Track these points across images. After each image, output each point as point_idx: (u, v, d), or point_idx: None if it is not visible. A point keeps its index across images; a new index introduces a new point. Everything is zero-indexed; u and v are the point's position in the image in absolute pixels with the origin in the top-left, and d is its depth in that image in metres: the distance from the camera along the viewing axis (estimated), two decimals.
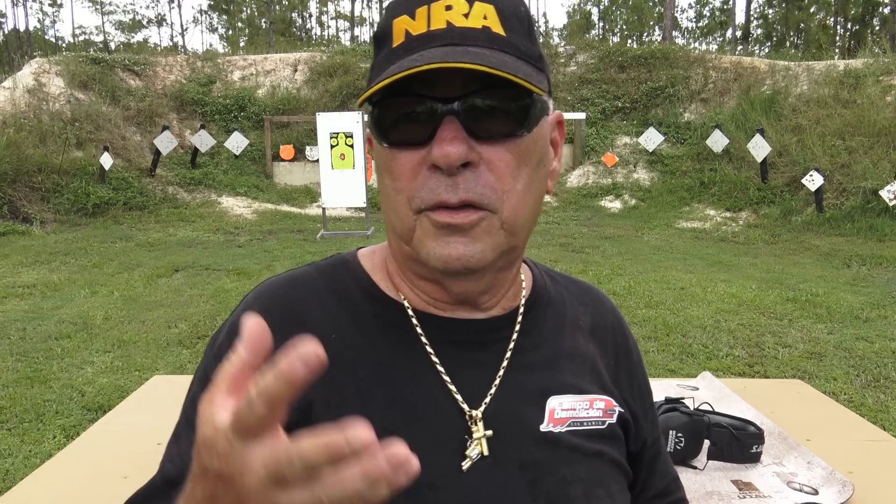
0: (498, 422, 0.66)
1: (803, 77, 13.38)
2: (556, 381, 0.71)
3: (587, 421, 0.71)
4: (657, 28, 49.16)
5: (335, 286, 0.71)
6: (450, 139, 0.58)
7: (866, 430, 1.50)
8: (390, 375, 0.66)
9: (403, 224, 0.63)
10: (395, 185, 0.63)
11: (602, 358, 0.77)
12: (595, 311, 0.80)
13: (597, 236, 9.57)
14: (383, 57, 0.63)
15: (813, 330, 5.04)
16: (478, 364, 0.68)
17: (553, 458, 0.67)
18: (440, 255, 0.62)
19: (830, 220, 9.94)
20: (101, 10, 58.26)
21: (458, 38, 0.60)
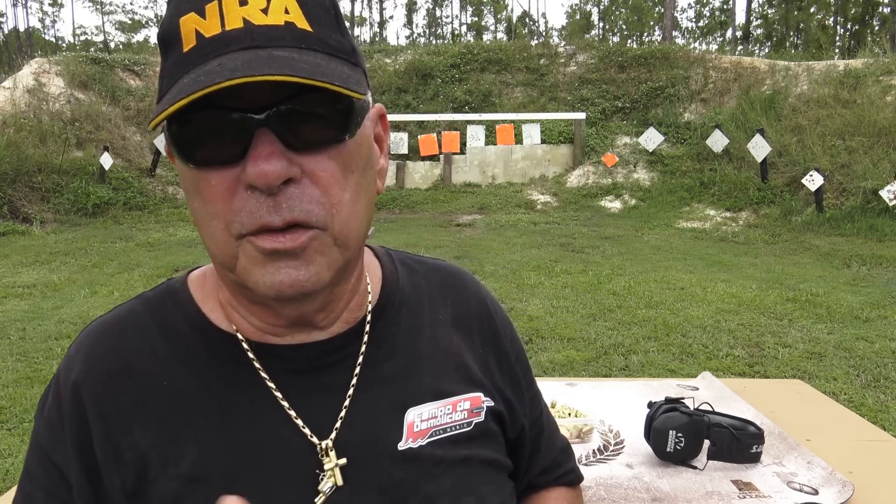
0: (352, 447, 0.61)
1: (803, 77, 13.38)
2: (414, 389, 0.66)
3: (451, 426, 0.67)
4: (657, 28, 49.19)
5: (163, 323, 0.64)
6: (265, 155, 0.52)
7: (866, 430, 1.50)
8: (230, 418, 0.60)
9: (224, 252, 0.56)
10: (208, 209, 0.55)
11: (469, 349, 0.72)
12: (456, 298, 0.75)
13: (597, 236, 9.57)
14: (173, 64, 0.54)
15: (813, 330, 5.04)
16: (325, 389, 0.63)
17: (414, 476, 0.63)
18: (270, 283, 0.55)
19: (830, 220, 9.94)
20: (101, 10, 58.28)
21: (260, 40, 0.52)
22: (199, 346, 0.63)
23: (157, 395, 0.61)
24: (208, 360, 0.63)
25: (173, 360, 0.62)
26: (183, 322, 0.64)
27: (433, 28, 60.78)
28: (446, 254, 7.90)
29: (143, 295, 0.68)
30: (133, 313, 0.66)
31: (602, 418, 1.48)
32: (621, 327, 5.08)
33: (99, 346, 0.64)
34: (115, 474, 0.59)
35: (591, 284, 6.48)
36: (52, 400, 0.63)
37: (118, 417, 0.60)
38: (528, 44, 17.09)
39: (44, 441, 0.62)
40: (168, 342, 0.63)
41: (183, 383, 0.61)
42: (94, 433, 0.60)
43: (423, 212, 12.13)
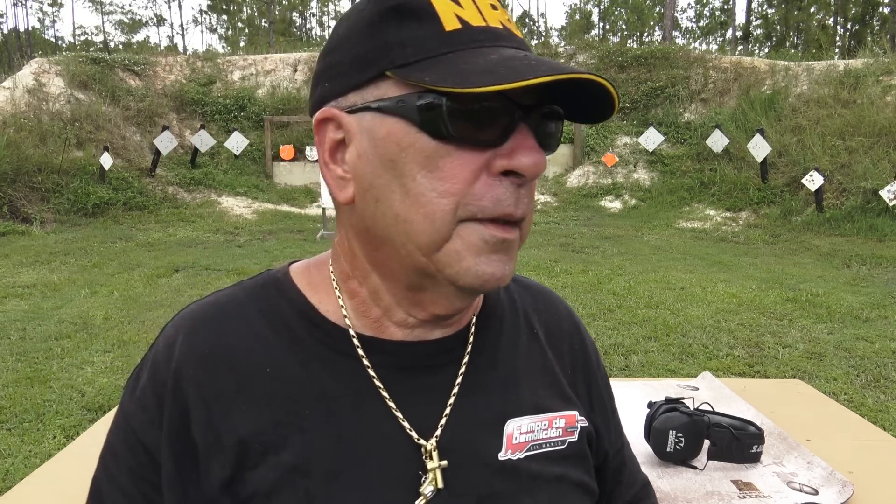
0: (453, 451, 0.61)
1: (803, 77, 13.38)
2: (514, 401, 0.66)
3: (547, 443, 0.66)
4: (657, 28, 49.18)
5: (268, 311, 0.63)
6: (536, 148, 0.54)
7: (866, 430, 1.50)
8: (334, 410, 0.60)
9: (437, 232, 0.54)
10: (441, 186, 0.53)
11: (561, 368, 0.72)
12: (549, 317, 0.75)
13: (597, 236, 9.57)
14: (430, 38, 0.53)
15: (813, 330, 5.04)
16: (429, 390, 0.62)
17: (513, 489, 0.63)
18: (481, 272, 0.55)
19: (830, 220, 9.94)
20: (101, 10, 58.26)
21: (521, 44, 0.56)
22: (305, 334, 0.62)
23: (260, 380, 0.60)
24: (314, 348, 0.62)
25: (277, 346, 0.61)
26: (289, 310, 0.63)
27: None
28: None
29: (242, 283, 0.67)
30: (234, 298, 0.65)
31: None
32: (621, 327, 5.08)
33: (201, 330, 0.62)
34: (213, 460, 0.58)
35: (591, 284, 6.48)
36: (146, 381, 0.61)
37: (220, 402, 0.59)
38: (528, 44, 17.09)
39: (135, 422, 0.61)
40: (272, 329, 0.62)
41: (288, 371, 0.60)
42: (194, 418, 0.59)
43: None
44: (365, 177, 0.56)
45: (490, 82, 0.49)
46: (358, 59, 0.55)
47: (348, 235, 0.61)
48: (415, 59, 0.53)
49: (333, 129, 0.57)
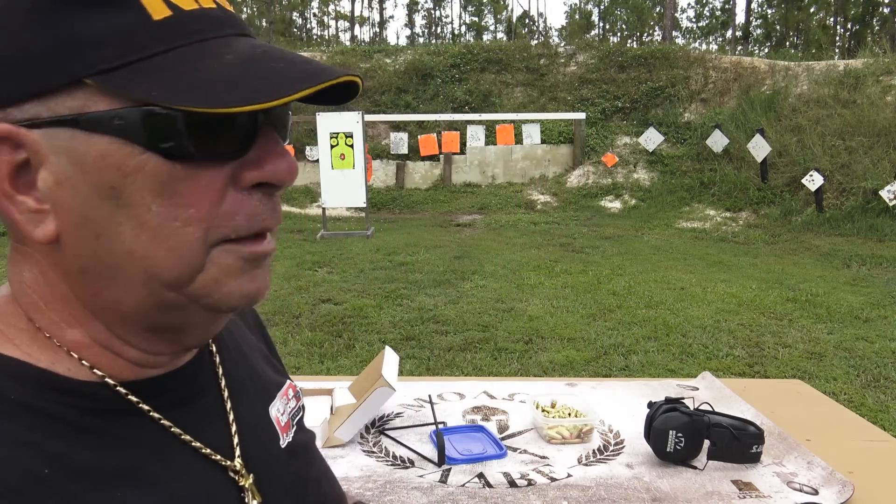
0: (253, 460, 0.59)
1: (803, 77, 13.39)
2: (263, 387, 0.67)
3: (295, 412, 0.69)
4: (657, 28, 49.19)
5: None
6: (286, 152, 0.48)
7: (866, 430, 1.50)
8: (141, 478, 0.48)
9: (186, 266, 0.46)
10: (185, 213, 0.45)
11: (262, 342, 0.74)
12: None
13: (597, 236, 9.58)
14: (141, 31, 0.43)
15: (813, 330, 5.04)
16: (210, 411, 0.58)
17: (301, 467, 0.66)
18: (247, 292, 0.49)
19: (830, 220, 9.95)
20: None
21: (241, 27, 0.48)
22: (60, 410, 0.46)
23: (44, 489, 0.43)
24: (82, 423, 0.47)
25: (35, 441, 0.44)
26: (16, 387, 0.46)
27: (433, 28, 60.82)
28: (446, 254, 7.91)
29: None
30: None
31: (602, 418, 1.48)
32: (621, 327, 5.08)
33: None
34: None
35: (591, 284, 6.49)
36: None
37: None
38: (528, 44, 17.09)
39: None
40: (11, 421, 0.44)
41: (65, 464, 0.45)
42: None
43: (423, 212, 12.13)
44: (73, 209, 0.44)
45: (244, 99, 0.42)
46: (29, 56, 0.42)
47: (51, 278, 0.48)
48: (122, 62, 0.42)
49: (9, 150, 0.43)
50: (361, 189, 9.55)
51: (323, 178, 9.61)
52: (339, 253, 8.09)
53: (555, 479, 1.23)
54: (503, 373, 4.09)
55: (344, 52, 16.37)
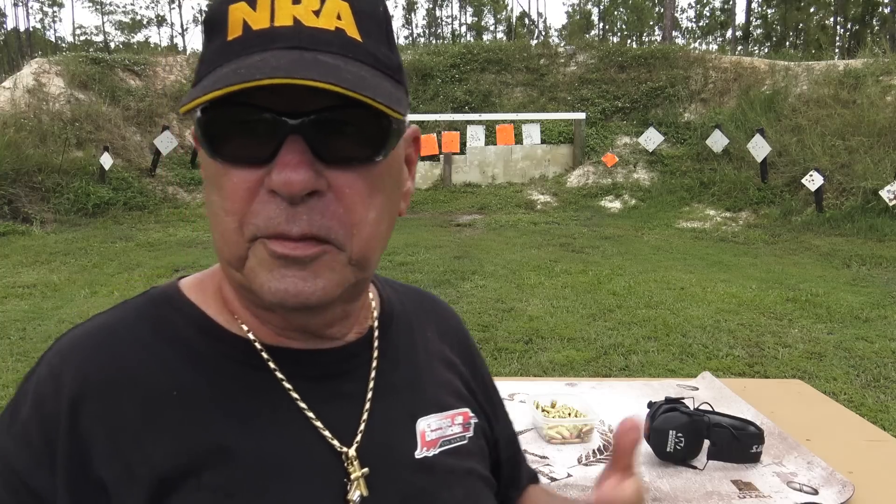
0: (373, 456, 0.61)
1: (803, 77, 13.38)
2: (421, 400, 0.68)
3: (452, 439, 0.68)
4: (657, 28, 49.17)
5: (163, 330, 0.60)
6: (294, 164, 0.50)
7: (866, 430, 1.50)
8: (251, 425, 0.57)
9: (233, 251, 0.54)
10: (225, 205, 0.53)
11: (453, 366, 0.74)
12: (437, 318, 0.77)
13: (597, 236, 9.57)
14: (215, 51, 0.53)
15: (813, 330, 5.04)
16: (344, 397, 0.62)
17: (432, 485, 0.64)
18: (276, 289, 0.53)
19: (830, 220, 9.95)
20: (101, 10, 58.27)
21: (307, 41, 0.51)
22: (208, 350, 0.59)
23: (168, 405, 0.56)
24: (220, 365, 0.59)
25: (180, 367, 0.58)
26: (185, 326, 0.60)
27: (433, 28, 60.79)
28: (446, 254, 7.91)
29: (125, 303, 0.63)
30: (122, 320, 0.61)
31: (602, 418, 1.48)
32: (621, 327, 5.08)
33: (92, 357, 0.57)
34: (125, 494, 0.54)
35: (591, 284, 6.48)
36: (29, 416, 0.55)
37: (126, 432, 0.55)
38: (527, 44, 17.08)
39: (16, 462, 0.54)
40: (173, 349, 0.59)
41: (194, 391, 0.57)
42: (97, 453, 0.54)
43: (423, 212, 12.12)
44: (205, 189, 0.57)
45: (200, 92, 0.48)
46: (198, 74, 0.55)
47: None
48: (200, 76, 0.53)
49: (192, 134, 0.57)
50: None
51: None
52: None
53: (555, 478, 1.23)
54: (503, 373, 4.09)
55: None
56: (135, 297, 0.64)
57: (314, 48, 0.51)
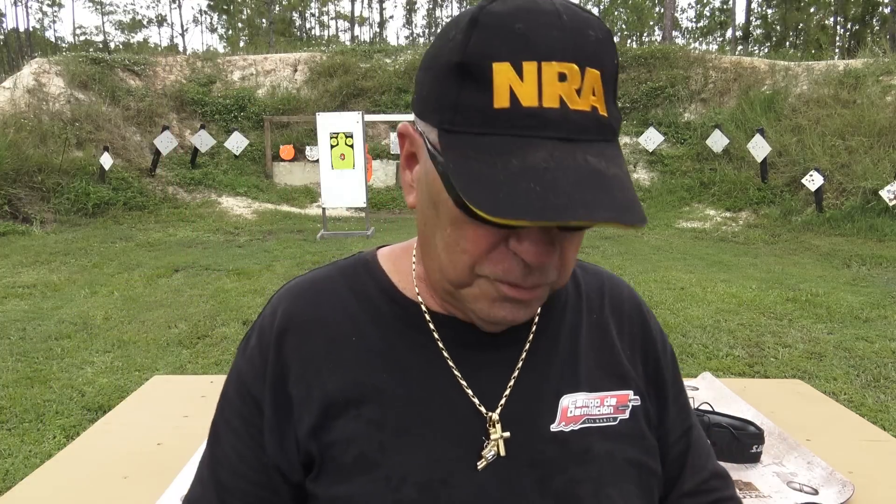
0: (513, 422, 0.67)
1: (803, 77, 13.38)
2: (570, 379, 0.71)
3: (599, 418, 0.71)
4: (657, 28, 49.16)
5: (356, 287, 0.73)
6: (546, 242, 0.58)
7: (866, 430, 1.50)
8: (408, 376, 0.68)
9: (458, 277, 0.62)
10: (464, 244, 0.59)
11: (620, 346, 0.76)
12: (612, 300, 0.79)
13: (597, 236, 9.57)
14: (477, 109, 0.54)
15: (813, 330, 5.04)
16: (493, 365, 0.69)
17: (563, 457, 0.68)
18: (494, 316, 0.63)
19: (830, 220, 9.94)
20: (101, 10, 58.25)
21: (573, 131, 0.54)
22: (386, 310, 0.71)
23: (347, 346, 0.69)
24: (393, 322, 0.70)
25: (363, 319, 0.70)
26: (374, 288, 0.72)
27: (433, 28, 60.76)
28: None
29: (336, 262, 0.77)
30: (328, 277, 0.74)
31: None
32: None
33: (299, 301, 0.72)
34: (304, 410, 0.67)
35: None
36: (255, 342, 0.72)
37: (312, 363, 0.69)
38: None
39: (245, 376, 0.71)
40: (359, 304, 0.71)
41: (370, 340, 0.69)
42: (292, 374, 0.68)
43: None
44: (421, 197, 0.64)
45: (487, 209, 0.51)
46: (429, 97, 0.59)
47: (417, 230, 0.68)
48: (460, 129, 0.55)
49: (409, 143, 0.64)
50: (361, 189, 9.54)
51: (323, 178, 9.60)
52: (339, 253, 8.09)
53: None
54: None
55: (344, 52, 16.36)
56: (345, 258, 0.78)
57: (578, 138, 0.54)
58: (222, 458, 0.72)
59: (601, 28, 0.59)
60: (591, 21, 0.58)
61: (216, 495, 0.71)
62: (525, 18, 0.54)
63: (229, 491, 0.71)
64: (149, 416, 1.58)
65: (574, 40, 0.55)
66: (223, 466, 0.71)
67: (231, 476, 0.71)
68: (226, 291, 6.15)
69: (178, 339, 4.76)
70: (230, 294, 6.04)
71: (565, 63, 0.54)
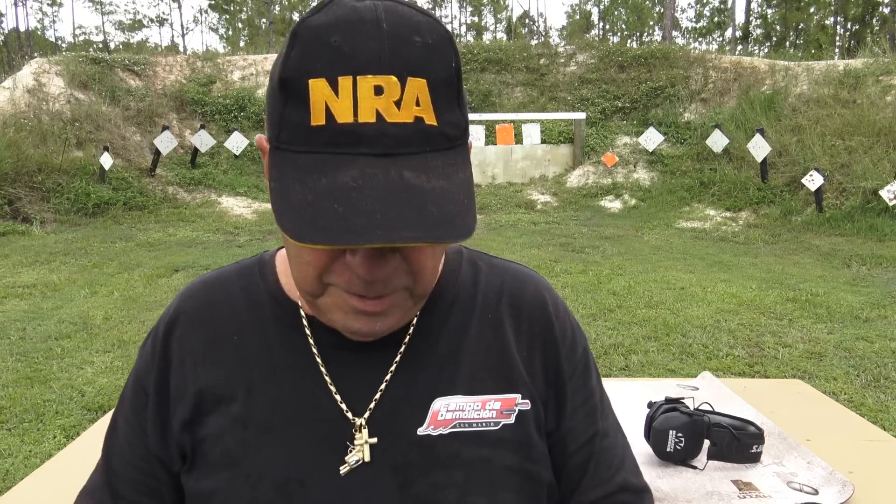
0: (380, 426, 0.66)
1: (803, 77, 13.38)
2: (447, 381, 0.68)
3: (477, 422, 0.67)
4: (657, 28, 49.17)
5: (248, 287, 0.74)
6: (375, 257, 0.56)
7: (866, 430, 1.50)
8: (278, 375, 0.68)
9: (309, 286, 0.61)
10: (304, 258, 0.60)
11: (516, 348, 0.72)
12: (512, 299, 0.75)
13: (597, 236, 9.57)
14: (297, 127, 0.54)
15: (813, 330, 5.04)
16: (365, 366, 0.68)
17: (427, 462, 0.65)
18: (349, 327, 0.62)
19: (830, 220, 9.94)
20: (101, 11, 58.26)
21: (391, 145, 0.53)
22: (267, 310, 0.71)
23: (227, 345, 0.70)
24: (273, 322, 0.71)
25: (246, 319, 0.71)
26: (262, 288, 0.73)
27: None
28: None
29: (241, 261, 0.78)
30: (224, 276, 0.76)
31: None
32: (621, 327, 5.07)
33: (191, 299, 0.74)
34: (179, 404, 0.70)
35: (591, 284, 6.48)
36: (151, 336, 0.75)
37: (192, 358, 0.70)
38: (527, 44, 17.08)
39: (139, 369, 0.74)
40: (246, 304, 0.72)
41: (248, 339, 0.70)
42: (173, 367, 0.71)
43: None
44: None
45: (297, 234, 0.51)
46: (267, 111, 0.60)
47: None
48: (284, 147, 0.56)
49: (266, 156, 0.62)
50: None
51: None
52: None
53: None
54: None
55: None
56: (253, 256, 0.78)
57: (397, 152, 0.53)
58: (116, 446, 0.74)
59: (433, 31, 0.55)
60: (420, 25, 0.55)
61: (107, 481, 0.74)
62: (343, 30, 0.53)
63: (119, 477, 0.73)
64: None
65: (393, 50, 0.53)
66: (116, 454, 0.74)
67: (121, 463, 0.73)
68: None
69: None
70: None
71: (381, 76, 0.52)
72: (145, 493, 0.72)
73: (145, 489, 0.72)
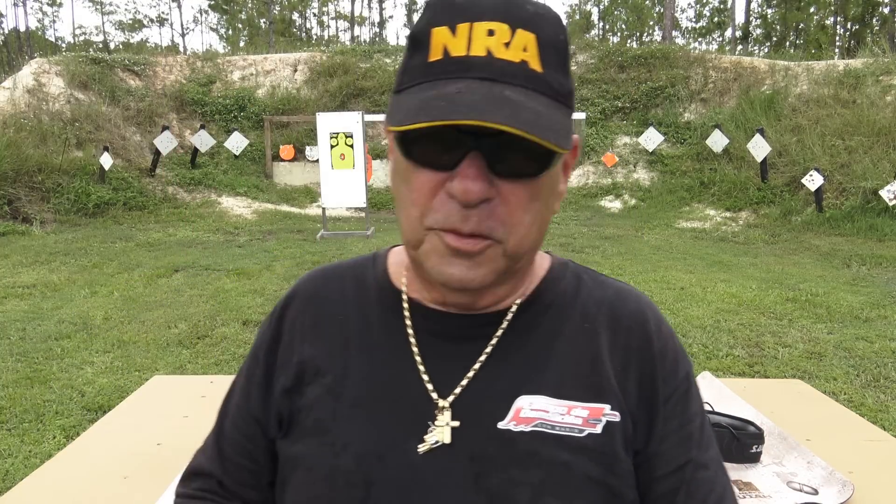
0: (462, 414, 0.68)
1: (803, 77, 13.38)
2: (534, 380, 0.69)
3: (560, 426, 0.67)
4: (657, 28, 49.15)
5: (359, 276, 0.81)
6: (472, 176, 0.60)
7: (866, 430, 1.50)
8: (373, 354, 0.73)
9: (413, 234, 0.66)
10: (411, 196, 0.64)
11: (610, 361, 0.71)
12: (612, 312, 0.75)
13: (597, 236, 9.57)
14: (416, 67, 0.63)
15: (813, 330, 5.04)
16: (456, 355, 0.71)
17: (505, 457, 0.66)
18: (443, 272, 0.65)
19: (830, 220, 9.94)
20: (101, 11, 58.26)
21: (496, 73, 0.59)
22: (374, 295, 0.77)
23: (332, 323, 0.77)
24: (376, 306, 0.76)
25: (353, 301, 0.78)
26: (371, 277, 0.80)
27: None
28: None
29: (360, 256, 0.85)
30: (341, 266, 0.84)
31: None
32: None
33: (308, 282, 0.83)
34: (283, 372, 0.76)
35: None
36: (271, 312, 0.82)
37: (300, 332, 0.77)
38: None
39: (258, 339, 0.82)
40: (356, 289, 0.79)
41: (351, 319, 0.76)
42: (283, 340, 0.78)
43: None
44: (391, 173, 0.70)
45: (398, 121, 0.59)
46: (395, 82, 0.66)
47: None
48: (404, 87, 0.63)
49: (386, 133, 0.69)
50: (361, 189, 9.54)
51: (323, 178, 9.60)
52: (339, 253, 8.09)
53: None
54: None
55: (344, 52, 16.35)
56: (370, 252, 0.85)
57: (502, 80, 0.59)
58: (230, 409, 0.82)
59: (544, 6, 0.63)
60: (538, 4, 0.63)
61: (216, 441, 0.82)
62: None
63: (226, 438, 0.81)
64: (149, 416, 1.58)
65: (507, 6, 0.61)
66: (228, 417, 0.82)
67: (231, 426, 0.81)
68: (226, 291, 6.15)
69: (178, 340, 4.76)
70: (230, 294, 6.04)
71: (494, 22, 0.60)
72: (243, 454, 0.79)
73: (243, 451, 0.79)
